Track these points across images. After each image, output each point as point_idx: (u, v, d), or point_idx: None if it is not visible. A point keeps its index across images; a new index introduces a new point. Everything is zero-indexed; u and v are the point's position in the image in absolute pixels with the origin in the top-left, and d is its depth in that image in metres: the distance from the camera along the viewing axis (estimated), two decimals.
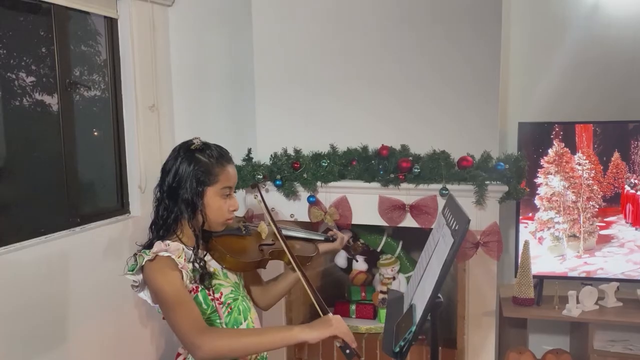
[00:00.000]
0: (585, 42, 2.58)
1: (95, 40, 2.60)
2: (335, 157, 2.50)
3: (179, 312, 1.35)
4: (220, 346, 1.33)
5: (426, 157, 2.38)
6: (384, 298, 2.75)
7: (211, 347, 1.31)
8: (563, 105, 2.61)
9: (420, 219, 2.40)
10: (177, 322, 1.35)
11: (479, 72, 2.37)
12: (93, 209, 2.55)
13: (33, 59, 2.25)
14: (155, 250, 1.37)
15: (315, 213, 2.53)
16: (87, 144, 2.55)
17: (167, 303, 1.36)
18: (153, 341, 2.73)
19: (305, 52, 2.59)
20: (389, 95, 2.50)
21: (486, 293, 2.40)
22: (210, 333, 1.35)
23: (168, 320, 1.39)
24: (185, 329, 1.33)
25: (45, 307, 2.12)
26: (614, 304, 2.42)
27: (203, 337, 1.32)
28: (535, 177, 2.45)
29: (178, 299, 1.35)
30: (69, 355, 2.23)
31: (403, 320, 1.40)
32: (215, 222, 1.49)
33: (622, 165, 2.38)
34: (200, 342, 1.31)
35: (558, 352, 2.47)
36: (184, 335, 1.34)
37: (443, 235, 1.46)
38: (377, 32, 2.49)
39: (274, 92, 2.66)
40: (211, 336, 1.33)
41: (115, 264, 2.43)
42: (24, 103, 2.24)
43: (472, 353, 2.44)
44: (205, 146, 1.48)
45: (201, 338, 1.31)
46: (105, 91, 2.66)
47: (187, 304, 1.37)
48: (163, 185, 1.47)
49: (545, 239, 2.48)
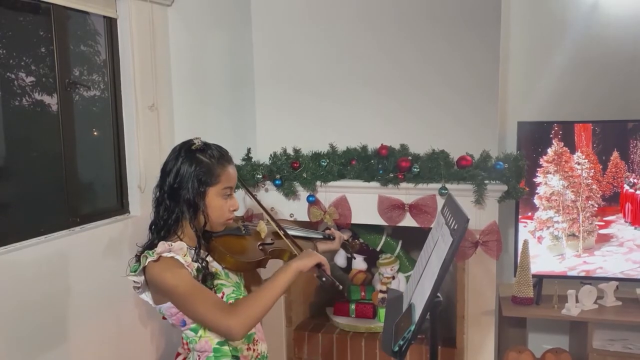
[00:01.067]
0: (584, 41, 2.58)
1: (94, 40, 2.60)
2: (334, 156, 2.51)
3: (200, 302, 1.35)
4: (250, 316, 1.35)
5: (425, 156, 2.38)
6: (384, 297, 2.75)
7: (242, 320, 1.33)
8: (562, 105, 2.61)
9: (420, 218, 2.40)
10: (201, 313, 1.36)
11: (478, 72, 2.37)
12: (93, 209, 2.55)
13: (33, 59, 2.25)
14: (159, 250, 1.37)
15: (315, 212, 2.53)
16: (86, 143, 2.55)
17: (185, 297, 1.35)
18: (153, 341, 2.74)
19: (304, 52, 2.59)
20: (388, 95, 2.50)
21: (485, 292, 2.40)
22: (235, 310, 1.36)
23: (191, 314, 1.38)
24: (211, 316, 1.34)
25: (45, 307, 2.12)
26: (613, 303, 2.42)
27: (232, 317, 1.33)
28: (535, 177, 2.45)
29: (194, 290, 1.36)
30: (69, 355, 2.23)
31: (402, 319, 1.40)
32: (217, 223, 1.49)
33: (621, 164, 2.38)
34: (232, 322, 1.32)
35: (557, 351, 2.47)
36: (214, 323, 1.35)
37: (442, 235, 1.47)
38: (376, 32, 2.49)
39: (274, 92, 2.66)
40: (238, 312, 1.34)
41: (115, 263, 2.43)
42: (24, 103, 2.24)
43: (471, 352, 2.45)
44: (206, 146, 1.48)
45: (231, 318, 1.33)
46: (104, 91, 2.66)
47: (204, 291, 1.38)
48: (164, 185, 1.46)
49: (544, 238, 2.49)
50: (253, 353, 1.53)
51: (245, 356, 1.51)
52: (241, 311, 1.35)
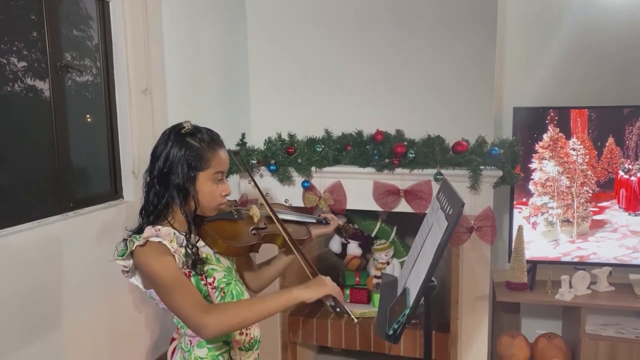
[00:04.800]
0: (581, 28, 2.57)
1: (87, 24, 2.56)
2: (329, 142, 2.49)
3: (179, 295, 1.33)
4: (227, 321, 1.32)
5: (421, 142, 2.38)
6: (378, 283, 2.76)
7: (218, 323, 1.30)
8: (558, 91, 2.61)
9: (415, 204, 2.40)
10: (178, 305, 1.33)
11: (474, 57, 2.35)
12: (86, 194, 2.53)
13: (24, 44, 2.22)
14: (145, 235, 1.35)
15: (310, 198, 2.53)
16: (79, 128, 2.52)
17: (165, 287, 1.34)
18: (147, 326, 2.74)
19: (299, 36, 2.57)
20: (383, 80, 2.48)
21: (480, 278, 2.41)
22: (214, 310, 1.33)
23: (168, 305, 1.37)
24: (188, 310, 1.32)
25: (38, 292, 2.11)
26: (606, 289, 2.44)
27: (208, 316, 1.30)
28: (530, 162, 2.45)
29: (176, 282, 1.34)
30: (62, 341, 2.23)
31: (397, 303, 1.40)
32: (208, 207, 1.48)
33: (617, 150, 2.38)
34: (207, 321, 1.30)
35: (550, 335, 2.50)
36: (188, 317, 1.32)
37: (437, 219, 1.46)
38: (371, 17, 2.46)
39: (269, 76, 2.64)
40: (215, 313, 1.32)
41: (109, 249, 2.38)
42: (16, 88, 2.21)
43: (465, 337, 2.46)
44: (196, 130, 1.46)
45: (206, 317, 1.30)
46: (97, 76, 2.63)
47: (185, 285, 1.35)
48: (153, 170, 1.44)
49: (539, 224, 2.49)
50: (246, 337, 1.53)
51: (238, 340, 1.50)
52: (220, 314, 1.32)
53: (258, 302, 1.37)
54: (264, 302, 1.36)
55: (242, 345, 1.52)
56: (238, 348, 1.51)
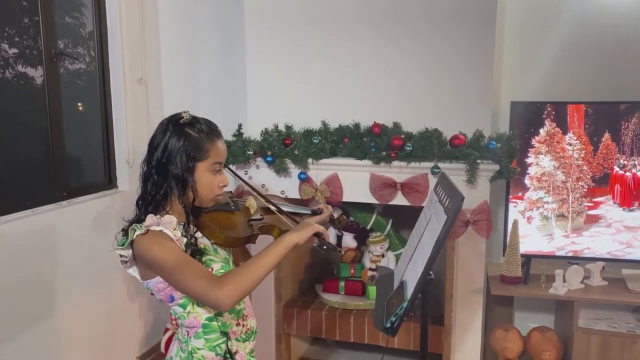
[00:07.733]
0: (578, 23, 2.57)
1: (80, 12, 2.53)
2: (326, 133, 2.48)
3: (188, 273, 1.32)
4: (241, 286, 1.32)
5: (418, 135, 2.37)
6: (373, 275, 2.76)
7: (233, 291, 1.30)
8: (555, 86, 2.61)
9: (411, 197, 2.40)
10: (189, 284, 1.32)
11: (472, 51, 2.35)
12: (80, 184, 2.51)
13: (16, 30, 2.19)
14: (147, 224, 1.34)
15: (306, 190, 2.52)
16: (73, 117, 2.50)
17: (172, 268, 1.33)
18: (141, 316, 2.73)
19: (297, 27, 2.55)
20: (381, 72, 2.47)
21: (474, 271, 2.42)
22: (225, 280, 1.33)
23: (179, 287, 1.36)
24: (200, 287, 1.31)
25: (32, 281, 2.10)
26: (599, 283, 2.46)
27: (222, 288, 1.30)
28: (526, 157, 2.45)
29: (182, 262, 1.33)
30: (56, 331, 2.22)
31: (394, 296, 1.40)
32: (206, 198, 1.47)
33: (612, 146, 2.39)
34: (222, 293, 1.29)
35: (543, 329, 2.51)
36: (203, 294, 1.32)
37: (435, 213, 1.46)
38: (370, 9, 2.45)
39: (266, 67, 2.62)
40: (228, 283, 1.31)
41: (103, 238, 2.39)
42: (7, 75, 2.18)
43: (459, 330, 2.47)
44: (195, 120, 1.45)
45: (220, 289, 1.30)
46: (91, 64, 2.59)
47: (192, 263, 1.35)
48: (151, 160, 1.43)
49: (534, 218, 2.50)
50: (242, 328, 1.53)
51: (235, 331, 1.50)
52: (230, 282, 1.32)
53: (260, 258, 1.38)
54: (265, 255, 1.38)
55: (239, 336, 1.52)
56: (235, 339, 1.51)
